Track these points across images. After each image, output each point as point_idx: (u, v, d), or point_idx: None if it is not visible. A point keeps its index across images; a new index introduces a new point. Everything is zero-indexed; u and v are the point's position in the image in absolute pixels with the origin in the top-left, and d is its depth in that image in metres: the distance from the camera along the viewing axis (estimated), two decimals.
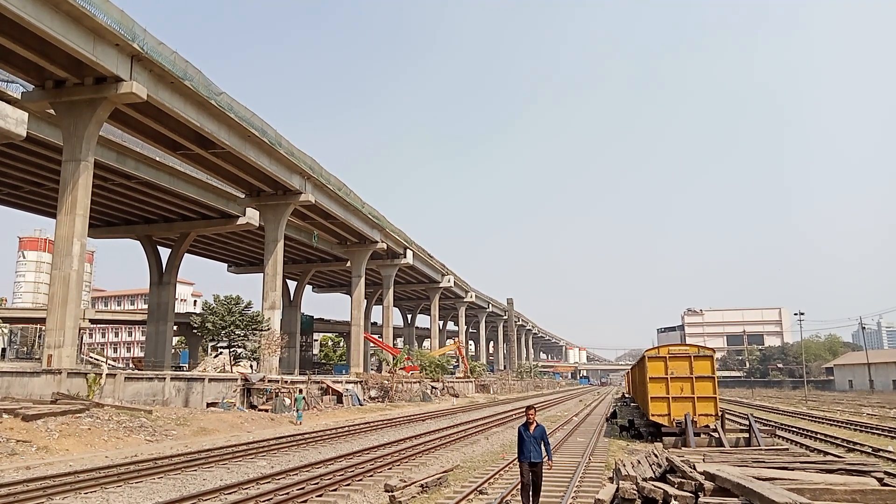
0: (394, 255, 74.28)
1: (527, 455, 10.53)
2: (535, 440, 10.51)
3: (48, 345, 28.39)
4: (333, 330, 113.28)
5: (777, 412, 43.76)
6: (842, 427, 30.70)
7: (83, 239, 29.68)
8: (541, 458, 10.53)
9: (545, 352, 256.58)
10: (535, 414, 10.84)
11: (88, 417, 22.27)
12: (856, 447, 21.62)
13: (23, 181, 43.31)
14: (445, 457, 19.37)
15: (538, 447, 10.52)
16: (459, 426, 30.01)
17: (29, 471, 15.49)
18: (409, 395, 53.97)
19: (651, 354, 22.83)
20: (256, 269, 72.37)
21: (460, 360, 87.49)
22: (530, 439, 10.55)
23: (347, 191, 54.90)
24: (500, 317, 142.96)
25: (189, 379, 32.55)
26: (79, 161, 29.43)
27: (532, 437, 10.54)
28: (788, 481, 9.85)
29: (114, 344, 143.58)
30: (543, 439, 10.56)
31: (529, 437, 10.56)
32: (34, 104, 30.61)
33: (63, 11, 25.87)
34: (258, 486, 13.89)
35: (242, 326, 42.19)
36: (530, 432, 10.56)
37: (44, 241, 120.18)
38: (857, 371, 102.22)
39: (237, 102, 37.30)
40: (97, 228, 53.85)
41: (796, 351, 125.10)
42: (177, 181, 45.10)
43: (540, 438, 10.53)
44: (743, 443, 19.20)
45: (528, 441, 10.56)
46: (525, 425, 10.67)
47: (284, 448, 21.07)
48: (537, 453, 10.51)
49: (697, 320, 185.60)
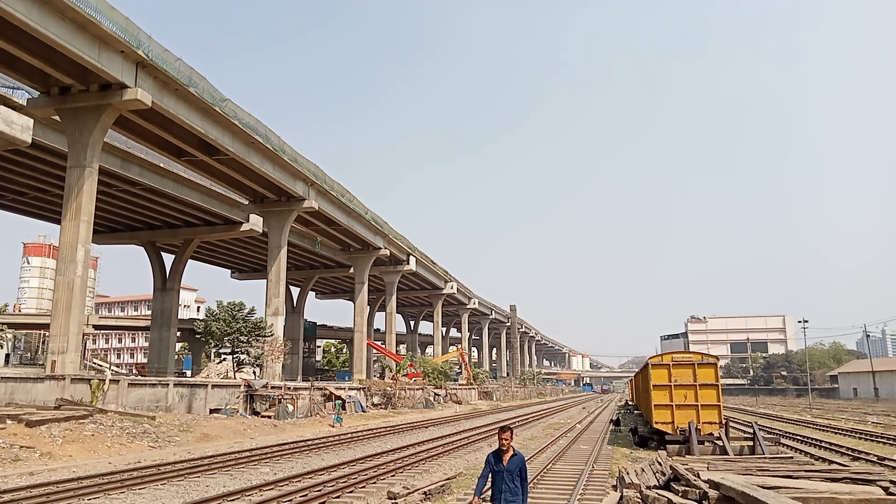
0: (397, 262, 74.32)
1: (496, 499, 6.92)
2: (510, 476, 6.87)
3: (52, 350, 28.47)
4: (336, 336, 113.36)
5: (781, 420, 43.57)
6: (846, 435, 30.54)
7: (87, 245, 29.78)
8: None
9: (548, 359, 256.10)
10: (512, 438, 7.20)
11: (92, 423, 22.28)
12: (861, 456, 21.51)
13: (28, 187, 43.55)
14: (448, 464, 19.31)
15: (514, 487, 6.88)
16: (462, 433, 29.95)
17: (32, 477, 15.50)
18: (412, 402, 53.92)
19: (654, 362, 22.75)
20: (260, 275, 72.53)
21: (463, 366, 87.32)
22: (503, 474, 6.89)
23: (351, 197, 54.99)
24: (503, 323, 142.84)
25: (192, 385, 32.55)
26: (83, 167, 29.57)
27: (506, 470, 6.88)
28: (793, 490, 9.81)
29: (117, 350, 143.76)
30: (522, 475, 6.94)
31: (502, 470, 6.90)
32: (39, 111, 30.80)
33: (69, 18, 26.05)
34: (261, 492, 13.87)
35: (245, 333, 42.20)
36: (503, 464, 6.92)
37: (48, 246, 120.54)
38: (861, 379, 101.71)
39: (241, 109, 37.47)
40: (101, 234, 54.02)
41: (800, 358, 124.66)
42: (181, 187, 45.30)
43: (517, 473, 6.91)
44: (747, 451, 19.13)
45: (501, 477, 6.89)
46: (497, 453, 7.05)
47: (287, 455, 21.05)
48: (512, 496, 6.85)
49: (701, 327, 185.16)
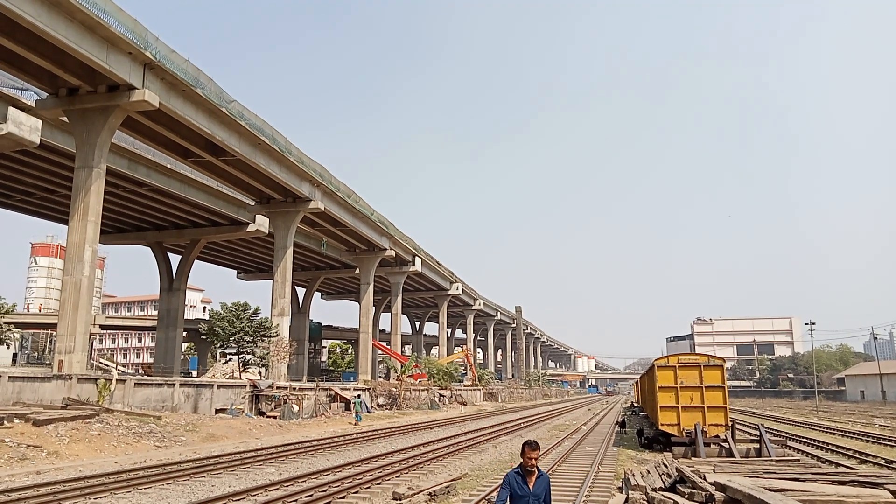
0: (402, 263, 74.36)
1: None
2: (536, 502, 5.85)
3: (59, 350, 28.59)
4: (342, 337, 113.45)
5: (788, 422, 43.40)
6: (854, 438, 30.40)
7: (94, 245, 29.90)
8: None
9: (553, 360, 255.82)
10: (538, 455, 5.99)
11: (98, 423, 22.38)
12: (868, 459, 21.42)
13: (36, 188, 43.78)
14: (454, 465, 19.32)
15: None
16: (467, 434, 29.94)
17: (39, 475, 15.58)
18: (417, 403, 53.94)
19: (661, 363, 22.69)
20: (266, 275, 72.64)
21: (468, 368, 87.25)
22: (528, 500, 5.84)
23: (357, 198, 55.06)
24: (509, 325, 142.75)
25: (198, 385, 32.65)
26: (91, 168, 29.70)
27: (532, 495, 5.84)
28: (800, 493, 9.78)
29: (124, 350, 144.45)
30: (548, 499, 5.94)
31: (528, 494, 5.84)
32: (48, 112, 30.97)
33: (77, 20, 26.18)
34: (266, 492, 13.90)
35: (251, 333, 42.33)
36: (529, 487, 5.85)
37: (56, 247, 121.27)
38: (868, 381, 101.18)
39: (248, 110, 37.56)
40: (108, 235, 54.26)
41: (807, 361, 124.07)
42: (187, 188, 45.45)
43: (544, 499, 5.91)
44: (753, 453, 19.08)
45: (526, 501, 5.85)
46: (520, 473, 5.91)
47: (293, 455, 21.09)
48: None
49: (707, 329, 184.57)
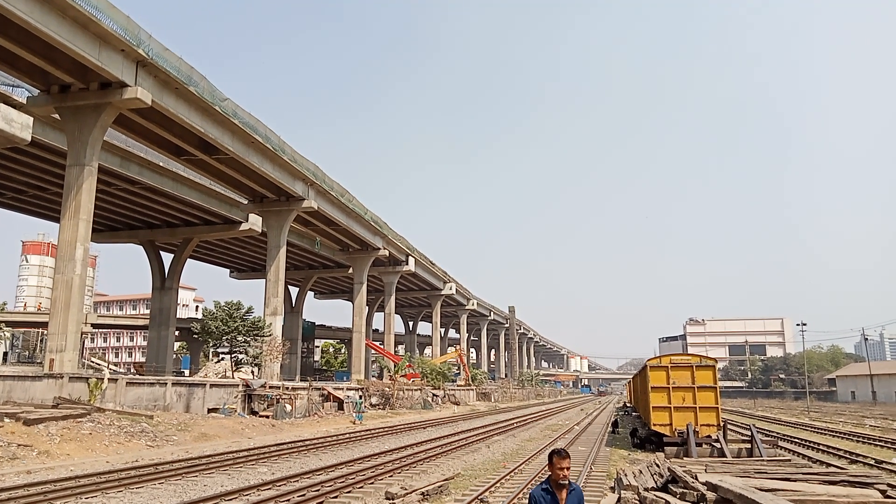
0: (396, 262, 74.31)
1: None
2: None
3: (50, 349, 28.44)
4: (335, 336, 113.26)
5: (779, 423, 43.59)
6: (844, 438, 30.57)
7: (86, 243, 29.75)
8: None
9: (546, 360, 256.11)
10: (569, 465, 4.99)
11: (90, 422, 22.26)
12: (858, 459, 21.53)
13: (27, 185, 43.52)
14: (446, 465, 19.32)
15: None
16: (460, 434, 29.95)
17: (30, 475, 15.48)
18: (410, 403, 53.91)
19: (653, 364, 22.76)
20: (258, 274, 72.48)
21: (461, 367, 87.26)
22: None
23: (350, 197, 54.99)
24: (502, 325, 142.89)
25: (190, 384, 32.54)
26: (83, 166, 29.55)
27: None
28: (791, 493, 9.84)
29: (115, 348, 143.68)
30: None
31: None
32: (39, 109, 30.77)
33: (70, 17, 26.03)
34: (259, 492, 13.87)
35: (244, 332, 42.20)
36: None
37: (47, 245, 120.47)
38: (859, 382, 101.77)
39: (241, 108, 37.44)
40: (100, 233, 53.98)
41: (798, 361, 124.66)
42: (180, 186, 45.27)
43: None
44: (745, 453, 19.16)
45: None
46: (547, 489, 4.91)
47: (285, 454, 21.04)
48: None
49: (699, 330, 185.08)
